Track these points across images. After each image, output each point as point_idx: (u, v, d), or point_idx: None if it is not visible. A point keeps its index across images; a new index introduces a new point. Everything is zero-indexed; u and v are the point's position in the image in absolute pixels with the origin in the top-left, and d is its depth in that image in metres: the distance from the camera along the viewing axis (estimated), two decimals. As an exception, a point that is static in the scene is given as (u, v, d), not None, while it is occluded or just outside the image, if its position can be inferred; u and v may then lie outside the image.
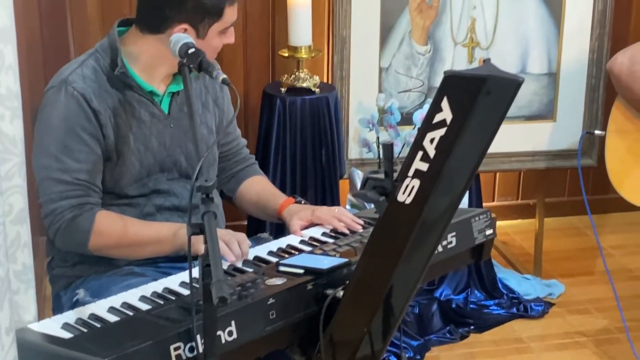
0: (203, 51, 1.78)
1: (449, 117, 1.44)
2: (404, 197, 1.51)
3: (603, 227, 3.69)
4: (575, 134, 3.00)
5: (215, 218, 1.40)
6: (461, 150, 1.47)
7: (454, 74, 1.44)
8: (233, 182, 2.20)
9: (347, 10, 2.86)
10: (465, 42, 2.99)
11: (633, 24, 3.60)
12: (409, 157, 1.49)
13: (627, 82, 2.59)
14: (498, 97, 1.44)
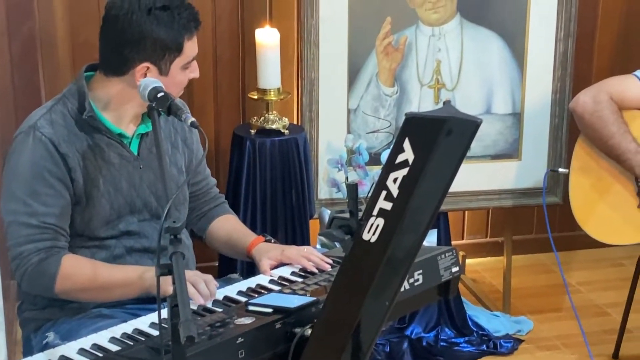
0: (172, 95, 1.81)
1: (410, 158, 1.48)
2: (369, 235, 1.54)
3: (570, 263, 3.75)
4: (540, 172, 3.07)
5: (183, 259, 1.42)
6: (424, 189, 1.51)
7: (415, 115, 1.48)
8: (203, 221, 2.22)
9: (315, 54, 2.91)
10: (431, 83, 3.05)
11: (596, 64, 3.69)
12: (373, 197, 1.52)
13: (591, 121, 2.66)
14: (458, 137, 1.49)
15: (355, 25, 2.93)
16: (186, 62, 1.96)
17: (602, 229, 2.73)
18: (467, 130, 1.50)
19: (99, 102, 1.95)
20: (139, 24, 1.88)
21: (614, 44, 3.68)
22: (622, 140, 2.59)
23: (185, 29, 1.92)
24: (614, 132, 2.60)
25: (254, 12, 3.23)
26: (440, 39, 3.02)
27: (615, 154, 2.62)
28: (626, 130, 2.60)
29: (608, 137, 2.61)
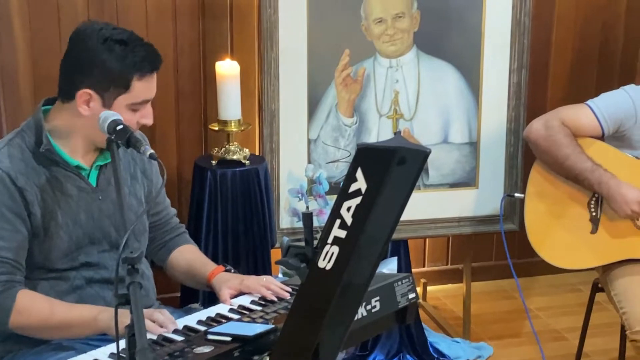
0: (131, 127, 1.84)
1: (363, 187, 1.52)
2: (325, 263, 1.58)
3: (530, 289, 3.81)
4: (497, 199, 3.11)
5: (140, 288, 1.44)
6: (376, 217, 1.55)
7: (367, 146, 1.53)
8: (163, 251, 2.24)
9: (275, 86, 2.96)
10: (389, 114, 3.11)
11: (550, 94, 3.79)
12: (328, 225, 1.56)
13: (546, 146, 2.73)
14: (408, 166, 1.53)
15: (314, 58, 2.99)
16: (133, 102, 1.95)
17: (557, 253, 2.79)
18: (417, 159, 1.55)
19: (55, 134, 1.97)
20: (92, 50, 1.91)
21: (567, 75, 3.79)
22: (578, 160, 2.66)
23: (136, 68, 1.92)
24: (569, 154, 2.67)
25: (215, 45, 3.27)
26: (397, 70, 3.09)
27: (573, 175, 2.69)
28: (581, 151, 2.67)
29: (564, 159, 2.68)
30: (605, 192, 2.64)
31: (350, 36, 3.01)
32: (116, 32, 1.95)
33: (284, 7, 2.90)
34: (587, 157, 2.66)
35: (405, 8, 3.03)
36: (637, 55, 3.85)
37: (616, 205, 2.63)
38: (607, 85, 3.00)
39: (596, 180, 2.64)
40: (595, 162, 2.65)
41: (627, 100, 2.69)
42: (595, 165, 2.64)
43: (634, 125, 2.68)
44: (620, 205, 2.62)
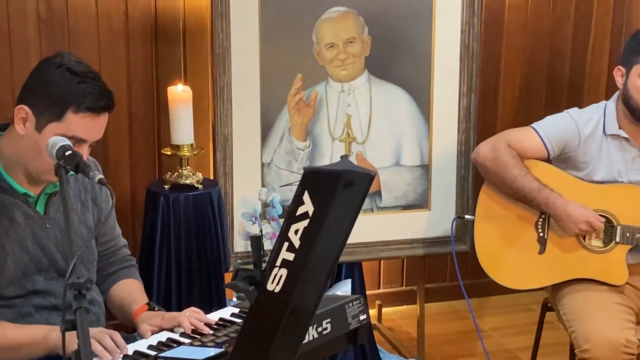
0: (80, 153, 1.83)
1: (310, 210, 1.54)
2: (273, 286, 1.59)
3: (483, 309, 3.86)
4: (449, 221, 3.16)
5: (87, 313, 1.44)
6: (324, 239, 1.57)
7: (313, 169, 1.56)
8: (106, 284, 2.21)
9: (228, 110, 2.98)
10: (342, 137, 3.15)
11: (500, 117, 3.87)
12: (276, 248, 1.58)
13: (493, 168, 2.78)
14: (354, 189, 1.56)
15: (267, 82, 3.02)
16: (63, 134, 1.87)
17: (506, 274, 2.84)
18: (363, 182, 1.58)
19: (4, 160, 1.96)
20: (44, 72, 1.91)
21: (516, 99, 3.87)
22: (525, 181, 2.71)
23: (75, 100, 1.88)
24: (516, 175, 2.72)
25: (168, 70, 3.29)
26: (349, 94, 3.13)
27: (521, 195, 2.74)
28: (527, 172, 2.72)
29: (512, 180, 2.73)
30: (552, 212, 2.69)
31: (302, 61, 3.05)
32: (76, 64, 1.93)
33: (236, 33, 2.92)
34: (534, 177, 2.71)
35: (356, 33, 3.08)
36: (584, 79, 3.94)
37: (564, 225, 2.68)
38: (556, 108, 3.07)
39: (543, 200, 2.69)
40: (542, 182, 2.71)
41: (570, 123, 2.76)
42: (542, 186, 2.70)
43: (578, 147, 2.74)
44: (567, 224, 2.67)
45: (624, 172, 2.72)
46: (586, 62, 3.93)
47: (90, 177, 1.78)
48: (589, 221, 2.64)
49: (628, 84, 2.67)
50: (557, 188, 2.73)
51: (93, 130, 1.93)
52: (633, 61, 2.65)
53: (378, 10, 3.08)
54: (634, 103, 2.65)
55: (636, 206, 2.69)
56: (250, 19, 2.95)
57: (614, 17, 3.89)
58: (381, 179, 3.20)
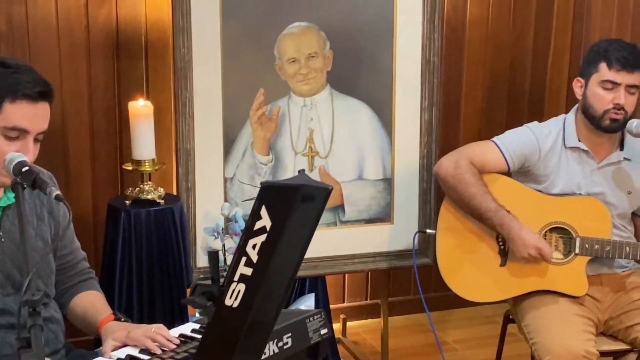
0: (37, 169, 1.82)
1: (268, 224, 1.54)
2: (231, 301, 1.59)
3: (447, 322, 3.88)
4: (412, 234, 3.19)
5: (42, 331, 1.43)
6: (282, 253, 1.57)
7: (270, 184, 1.55)
8: (66, 297, 2.19)
9: (190, 125, 2.97)
10: (305, 151, 3.15)
11: (462, 131, 3.90)
12: (234, 263, 1.57)
13: (453, 184, 2.80)
14: (311, 203, 1.56)
15: (229, 97, 3.02)
16: (4, 126, 1.86)
17: (468, 287, 2.85)
18: (320, 196, 1.58)
19: None
20: None
21: (478, 112, 3.91)
22: (483, 200, 2.74)
23: (10, 90, 1.85)
24: (475, 193, 2.75)
25: (130, 85, 3.28)
26: (312, 109, 3.14)
27: (477, 214, 2.76)
28: (486, 191, 2.75)
29: (470, 198, 2.76)
30: (506, 234, 2.72)
31: (264, 75, 3.05)
32: (9, 58, 1.93)
33: (198, 47, 2.92)
34: (492, 198, 2.74)
35: (318, 48, 3.09)
36: (544, 93, 4.00)
37: (515, 247, 2.71)
38: (517, 121, 3.10)
39: (499, 221, 2.72)
40: (499, 203, 2.73)
41: (530, 137, 2.79)
42: (499, 207, 2.73)
43: (538, 161, 2.78)
44: (518, 247, 2.70)
45: (583, 185, 2.76)
46: (546, 76, 3.99)
47: (47, 193, 1.76)
48: (540, 247, 2.67)
49: (587, 92, 2.71)
50: (517, 202, 2.76)
51: (34, 119, 1.89)
52: (592, 71, 2.70)
53: (339, 25, 3.10)
54: (593, 111, 2.69)
55: (594, 218, 2.73)
56: (212, 34, 2.95)
57: (573, 32, 3.95)
58: (344, 193, 3.21)
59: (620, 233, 2.77)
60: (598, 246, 2.69)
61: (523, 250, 2.69)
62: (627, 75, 2.64)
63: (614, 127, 2.69)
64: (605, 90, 2.67)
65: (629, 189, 2.77)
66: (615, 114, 2.66)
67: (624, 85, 2.65)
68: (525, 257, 2.70)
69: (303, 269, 3.10)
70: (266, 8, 3.02)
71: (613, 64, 2.64)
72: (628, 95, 2.66)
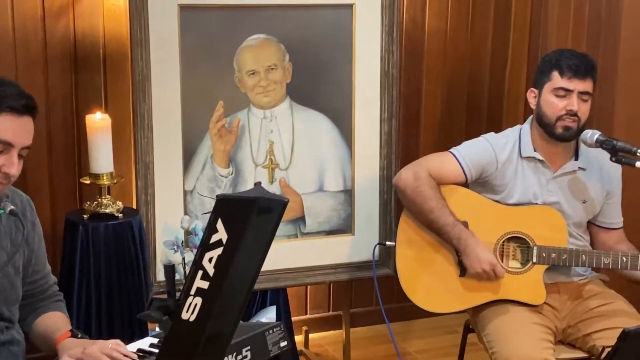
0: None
1: (224, 237, 1.54)
2: (188, 315, 1.58)
3: (410, 332, 3.89)
4: (372, 246, 3.19)
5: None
6: (238, 266, 1.57)
7: (226, 197, 1.55)
8: (31, 317, 2.16)
9: (149, 138, 2.95)
10: (265, 164, 3.15)
11: (422, 142, 3.93)
12: (190, 277, 1.57)
13: (412, 196, 2.82)
14: (267, 216, 1.56)
15: (188, 109, 3.01)
16: None
17: (428, 298, 2.86)
18: (276, 208, 1.58)
19: None
20: None
21: (437, 124, 3.94)
22: (441, 214, 2.76)
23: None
24: (433, 207, 2.77)
25: (88, 97, 3.25)
26: (272, 121, 3.14)
27: (435, 227, 2.78)
28: (444, 205, 2.77)
29: (428, 211, 2.77)
30: (462, 248, 2.74)
31: (223, 88, 3.05)
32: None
33: (156, 60, 2.91)
34: (450, 212, 2.76)
35: (277, 60, 3.10)
36: (502, 103, 4.04)
37: (470, 262, 2.74)
38: (476, 132, 3.12)
39: (456, 235, 2.74)
40: (457, 217, 2.76)
41: (487, 147, 2.82)
42: (456, 221, 2.75)
43: (496, 171, 2.80)
44: (473, 262, 2.72)
45: (539, 194, 2.79)
46: (504, 87, 4.04)
47: (1, 207, 1.74)
48: (493, 264, 2.70)
49: (541, 102, 2.75)
50: (475, 212, 2.78)
51: (19, 132, 1.88)
52: (545, 80, 2.74)
53: (298, 37, 3.11)
54: (547, 119, 2.73)
55: (551, 227, 2.76)
56: (170, 47, 2.94)
57: (530, 43, 4.00)
58: (305, 205, 3.21)
59: (576, 242, 2.81)
60: (555, 255, 2.72)
61: (477, 266, 2.72)
62: (579, 82, 2.68)
63: (568, 136, 2.73)
64: (559, 97, 2.71)
65: (584, 198, 2.81)
66: (569, 121, 2.70)
67: (577, 92, 2.69)
68: (479, 272, 2.72)
69: (264, 281, 3.14)
70: (225, 21, 3.02)
71: (565, 72, 2.69)
72: (581, 102, 2.70)
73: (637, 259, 2.66)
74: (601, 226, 2.88)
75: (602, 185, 2.82)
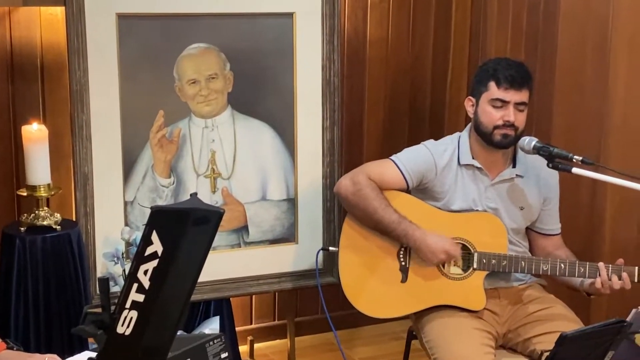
0: None
1: (159, 249, 1.52)
2: (123, 328, 1.55)
3: (357, 340, 3.90)
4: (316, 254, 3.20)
5: None
6: (174, 278, 1.55)
7: (160, 208, 1.53)
8: None
9: (87, 148, 2.91)
10: (207, 173, 3.13)
11: (366, 149, 3.94)
12: (125, 290, 1.54)
13: (354, 201, 2.82)
14: (203, 227, 1.55)
15: (128, 119, 2.97)
16: None
17: (371, 304, 2.87)
18: (212, 219, 1.57)
19: None
20: None
21: (380, 131, 3.96)
22: (385, 213, 2.77)
23: None
24: (376, 207, 2.77)
25: (25, 108, 3.19)
26: (213, 130, 3.12)
27: (381, 227, 2.79)
28: (387, 204, 2.78)
29: (372, 212, 2.78)
30: (412, 243, 2.76)
31: (164, 97, 3.03)
32: None
33: (95, 69, 2.88)
34: (394, 210, 2.78)
35: (218, 69, 3.08)
36: (444, 111, 4.09)
37: (424, 255, 2.75)
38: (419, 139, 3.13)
39: (403, 232, 2.75)
40: (401, 214, 2.77)
41: (427, 154, 2.85)
42: (402, 218, 2.76)
43: (435, 178, 2.83)
44: (426, 255, 2.74)
45: (478, 201, 2.82)
46: (446, 94, 4.08)
47: None
48: (447, 250, 2.72)
49: (478, 110, 2.79)
50: (416, 218, 2.80)
51: None
52: (482, 90, 2.77)
53: (239, 46, 3.10)
54: (484, 128, 2.77)
55: (491, 233, 2.79)
56: (109, 56, 2.91)
57: (470, 51, 4.06)
58: (248, 214, 3.20)
59: (515, 248, 2.84)
60: (495, 261, 2.76)
61: (432, 257, 2.73)
62: (516, 93, 2.72)
63: (505, 143, 2.76)
64: (495, 108, 2.74)
65: (522, 205, 2.85)
66: (506, 130, 2.74)
67: (513, 103, 2.73)
68: (436, 262, 2.74)
69: (208, 291, 3.12)
70: (165, 29, 3.00)
71: (501, 83, 2.72)
72: (517, 113, 2.74)
73: (574, 267, 2.70)
74: (539, 232, 2.93)
75: (539, 191, 2.86)
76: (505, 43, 3.82)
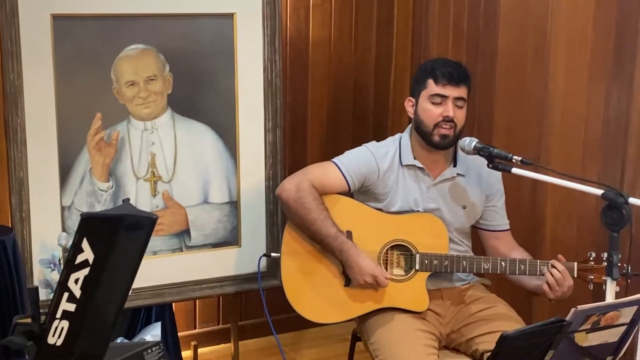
0: None
1: (90, 257, 1.49)
2: (54, 339, 1.51)
3: (301, 342, 3.88)
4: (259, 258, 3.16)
5: None
6: (107, 286, 1.52)
7: (91, 215, 1.50)
8: None
9: (22, 152, 2.84)
10: (147, 176, 3.08)
11: (309, 150, 3.93)
12: (55, 299, 1.50)
13: (295, 208, 2.80)
14: (136, 233, 1.52)
15: (64, 122, 2.91)
16: None
17: (313, 309, 2.85)
18: (145, 225, 1.54)
19: None
20: None
21: (324, 133, 3.95)
22: (323, 226, 2.75)
23: None
24: (315, 219, 2.76)
25: (-42, 111, 3.10)
26: (153, 132, 3.07)
27: (318, 239, 2.78)
28: (327, 217, 2.77)
29: (311, 223, 2.76)
30: (344, 260, 2.75)
31: (101, 100, 2.96)
32: None
33: (29, 72, 2.81)
34: (333, 223, 2.76)
35: (157, 71, 3.03)
36: (387, 112, 4.09)
37: (352, 273, 2.75)
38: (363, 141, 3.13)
39: (338, 247, 2.74)
40: (339, 229, 2.76)
41: (369, 156, 2.84)
42: (339, 233, 2.75)
43: (377, 180, 2.83)
44: (355, 274, 2.74)
45: (420, 201, 2.83)
46: (389, 96, 4.09)
47: None
48: (375, 275, 2.72)
49: (418, 110, 2.79)
50: (358, 222, 2.79)
51: None
52: (421, 88, 2.79)
53: (178, 47, 3.05)
54: (424, 127, 2.77)
55: (432, 234, 2.79)
56: (44, 58, 2.84)
57: (413, 51, 4.07)
58: (189, 218, 3.15)
59: (457, 247, 2.85)
60: (437, 261, 2.76)
61: (359, 277, 2.73)
62: (454, 88, 2.74)
63: (445, 144, 2.77)
64: (434, 104, 2.75)
65: (464, 204, 2.86)
66: (446, 128, 2.74)
67: (452, 98, 2.74)
68: (362, 284, 2.74)
69: (149, 297, 3.07)
70: (101, 30, 2.93)
71: (439, 79, 2.74)
72: (456, 109, 2.75)
73: (515, 264, 2.72)
74: (486, 229, 2.93)
75: (481, 189, 2.88)
76: (446, 44, 3.84)
